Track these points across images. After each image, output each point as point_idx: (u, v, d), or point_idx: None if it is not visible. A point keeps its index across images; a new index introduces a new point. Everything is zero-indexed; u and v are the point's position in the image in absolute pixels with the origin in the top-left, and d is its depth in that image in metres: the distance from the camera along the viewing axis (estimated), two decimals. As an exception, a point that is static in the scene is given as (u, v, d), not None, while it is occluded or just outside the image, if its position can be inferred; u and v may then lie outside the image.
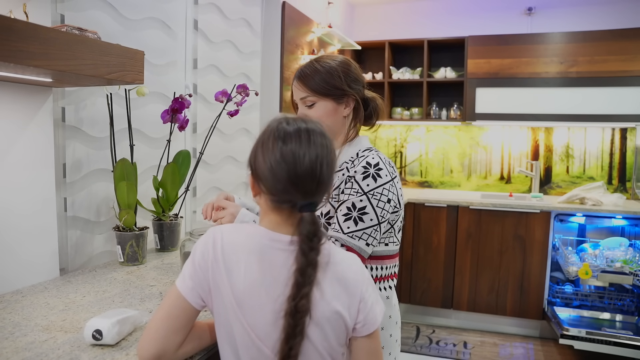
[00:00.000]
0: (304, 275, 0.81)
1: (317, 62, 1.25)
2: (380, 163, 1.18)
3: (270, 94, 2.85)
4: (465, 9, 3.97)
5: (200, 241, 0.90)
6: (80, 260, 1.59)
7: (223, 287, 0.85)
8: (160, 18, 1.91)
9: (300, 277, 0.81)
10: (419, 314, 3.62)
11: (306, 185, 0.84)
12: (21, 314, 1.14)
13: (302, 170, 0.84)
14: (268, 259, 0.86)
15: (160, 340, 0.83)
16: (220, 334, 0.89)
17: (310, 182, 0.85)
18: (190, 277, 0.87)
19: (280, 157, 0.85)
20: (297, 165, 0.84)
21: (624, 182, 3.63)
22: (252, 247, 0.87)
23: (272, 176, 0.85)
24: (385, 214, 1.17)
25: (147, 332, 0.85)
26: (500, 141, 3.92)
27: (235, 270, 0.85)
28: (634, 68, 3.29)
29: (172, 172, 1.73)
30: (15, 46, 0.96)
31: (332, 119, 1.24)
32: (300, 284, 0.81)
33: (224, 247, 0.87)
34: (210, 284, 0.86)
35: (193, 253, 0.89)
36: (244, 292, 0.84)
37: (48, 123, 1.42)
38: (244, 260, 0.86)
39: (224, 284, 0.85)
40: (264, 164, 0.86)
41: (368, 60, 4.12)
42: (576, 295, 3.28)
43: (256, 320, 0.84)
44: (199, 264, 0.87)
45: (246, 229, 0.92)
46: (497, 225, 3.34)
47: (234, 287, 0.85)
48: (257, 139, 0.91)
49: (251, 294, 0.84)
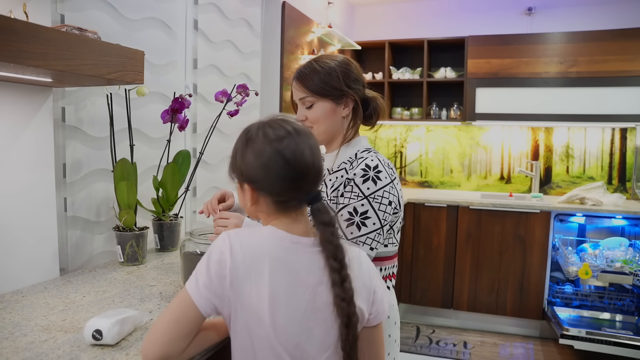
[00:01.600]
0: (337, 260, 0.84)
1: (316, 63, 1.24)
2: (380, 165, 1.17)
3: (270, 94, 2.85)
4: (465, 9, 3.97)
5: (215, 247, 0.86)
6: (80, 260, 1.59)
7: (245, 293, 0.84)
8: (160, 18, 1.91)
9: (334, 262, 0.84)
10: (419, 314, 3.62)
11: (311, 178, 0.88)
12: (21, 314, 1.14)
13: (305, 164, 0.87)
14: (294, 262, 0.86)
15: (166, 345, 0.82)
16: (237, 341, 0.88)
17: (314, 174, 0.88)
18: (206, 286, 0.84)
19: (280, 157, 0.86)
20: (300, 161, 0.86)
21: (624, 182, 3.63)
22: (275, 252, 0.86)
23: (275, 178, 0.86)
24: (387, 216, 1.16)
25: (152, 334, 0.83)
26: (500, 141, 3.92)
27: (259, 276, 0.84)
28: (634, 68, 3.29)
29: (172, 172, 1.73)
30: (15, 46, 0.96)
31: (330, 119, 1.24)
32: (337, 268, 0.83)
33: (244, 252, 0.85)
34: (227, 293, 0.84)
35: (207, 260, 0.86)
36: (269, 298, 0.83)
37: (48, 123, 1.42)
38: (268, 265, 0.84)
39: (245, 290, 0.84)
40: (262, 170, 0.87)
41: (368, 60, 4.12)
42: (576, 295, 3.28)
43: (280, 325, 0.84)
44: (216, 272, 0.84)
45: (263, 232, 0.90)
46: (497, 226, 3.34)
47: (258, 292, 0.83)
48: (237, 147, 0.91)
49: (277, 298, 0.84)
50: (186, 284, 0.86)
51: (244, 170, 0.89)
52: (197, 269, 0.86)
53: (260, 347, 0.85)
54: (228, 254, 0.84)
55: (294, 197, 0.88)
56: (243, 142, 0.90)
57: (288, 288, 0.84)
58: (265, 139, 0.87)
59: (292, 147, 0.86)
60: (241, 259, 0.84)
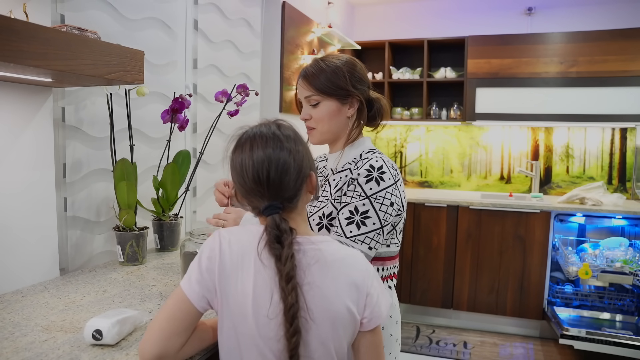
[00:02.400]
0: (282, 278, 0.82)
1: (323, 61, 1.24)
2: (384, 166, 1.17)
3: (270, 94, 2.85)
4: (465, 9, 3.97)
5: (206, 244, 0.89)
6: (80, 260, 1.59)
7: (230, 290, 0.85)
8: (160, 18, 1.91)
9: (280, 279, 0.82)
10: (419, 314, 3.62)
11: (257, 190, 0.88)
12: (21, 314, 1.14)
13: (250, 177, 0.88)
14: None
15: (162, 342, 0.83)
16: (223, 337, 0.89)
17: (259, 187, 0.88)
18: (197, 282, 0.86)
19: (232, 167, 0.91)
20: (245, 173, 0.88)
21: (624, 182, 3.63)
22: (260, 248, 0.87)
23: (236, 185, 0.91)
24: (388, 217, 1.16)
25: (149, 333, 0.84)
26: (500, 141, 3.92)
27: (244, 272, 0.85)
28: (634, 68, 3.29)
29: (172, 172, 1.73)
30: (15, 46, 0.96)
31: (335, 119, 1.23)
32: (282, 285, 0.82)
33: (232, 249, 0.87)
34: (217, 287, 0.86)
35: (199, 257, 0.89)
36: (252, 294, 0.84)
37: (48, 123, 1.42)
38: (253, 261, 0.86)
39: (230, 287, 0.85)
40: (231, 175, 0.92)
41: (368, 60, 4.12)
42: (576, 295, 3.28)
43: (263, 324, 0.84)
44: (206, 267, 0.86)
45: (252, 230, 0.91)
46: (497, 226, 3.34)
47: (243, 289, 0.84)
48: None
49: (260, 295, 0.84)
50: (180, 282, 0.88)
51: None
52: (190, 266, 0.89)
53: (246, 345, 0.85)
54: (217, 251, 0.87)
55: (254, 206, 0.91)
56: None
57: (270, 283, 0.84)
58: (235, 145, 0.93)
59: (242, 155, 0.89)
60: (229, 256, 0.86)
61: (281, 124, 0.94)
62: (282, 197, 0.89)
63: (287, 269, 0.82)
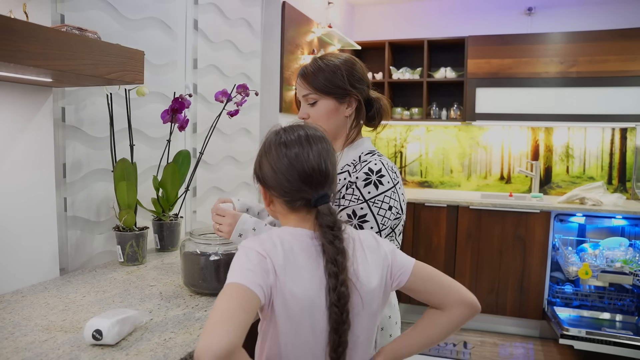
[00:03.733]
0: (336, 264, 0.84)
1: (321, 60, 1.23)
2: (383, 169, 1.16)
3: (270, 94, 2.85)
4: (465, 9, 3.97)
5: (245, 251, 0.86)
6: (80, 260, 1.59)
7: (285, 289, 0.84)
8: (160, 18, 1.91)
9: (333, 266, 0.84)
10: (419, 314, 3.61)
11: (315, 180, 0.89)
12: (21, 314, 1.14)
13: (310, 166, 0.89)
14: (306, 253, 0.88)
15: (232, 333, 0.73)
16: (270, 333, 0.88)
17: (319, 176, 0.90)
18: (252, 272, 0.82)
19: (287, 161, 0.90)
20: (305, 164, 0.89)
21: (624, 182, 3.63)
22: (298, 246, 0.89)
23: (283, 180, 0.90)
24: (386, 221, 1.16)
25: (213, 327, 0.74)
26: (500, 141, 3.92)
27: (297, 273, 0.85)
28: (634, 68, 3.29)
29: (172, 172, 1.73)
30: (15, 46, 0.96)
31: (333, 118, 1.23)
32: (336, 273, 0.84)
33: (285, 251, 0.85)
34: (270, 284, 0.83)
35: (246, 255, 0.84)
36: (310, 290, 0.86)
37: (48, 123, 1.42)
38: (303, 262, 0.86)
39: (287, 289, 0.84)
40: (272, 172, 0.91)
41: (368, 60, 4.09)
42: (576, 295, 3.28)
43: (318, 318, 0.86)
44: (259, 262, 0.83)
45: (289, 230, 0.92)
46: (497, 225, 3.34)
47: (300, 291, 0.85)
48: (259, 152, 0.97)
49: (315, 289, 0.86)
50: (229, 280, 0.82)
51: (259, 173, 0.95)
52: (236, 264, 0.84)
53: (300, 348, 0.86)
54: (271, 250, 0.86)
55: (300, 198, 0.91)
56: (261, 147, 0.96)
57: (323, 278, 0.87)
58: (276, 143, 0.92)
59: (297, 150, 0.90)
60: (282, 258, 0.85)
61: (312, 125, 0.98)
62: (331, 189, 0.93)
63: (339, 260, 0.85)
